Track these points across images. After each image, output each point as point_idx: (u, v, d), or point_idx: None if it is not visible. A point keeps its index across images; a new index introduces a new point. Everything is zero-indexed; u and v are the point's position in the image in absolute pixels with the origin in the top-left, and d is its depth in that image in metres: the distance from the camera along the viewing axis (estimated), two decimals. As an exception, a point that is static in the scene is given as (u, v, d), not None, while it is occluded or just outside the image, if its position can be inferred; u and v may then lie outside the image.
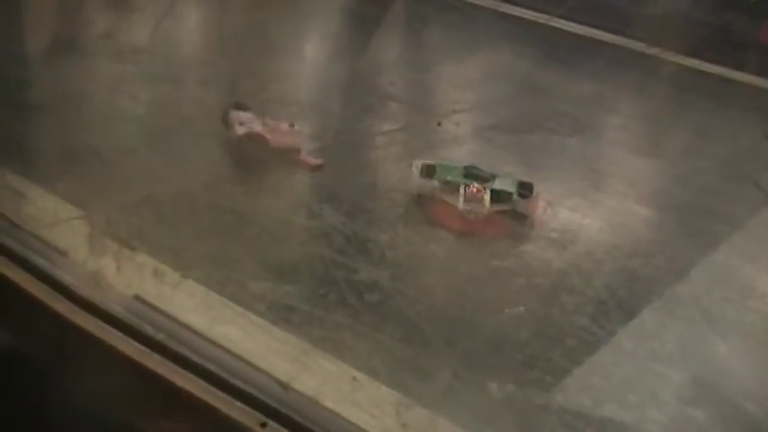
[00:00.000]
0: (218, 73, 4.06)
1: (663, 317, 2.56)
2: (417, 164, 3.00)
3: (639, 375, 2.26)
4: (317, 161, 3.18)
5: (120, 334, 1.89)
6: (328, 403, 1.87)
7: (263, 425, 1.76)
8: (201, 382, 1.83)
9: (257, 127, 3.22)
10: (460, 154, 3.55)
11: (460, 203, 2.85)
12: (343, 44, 5.12)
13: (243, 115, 3.30)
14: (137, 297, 2.03)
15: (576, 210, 3.18)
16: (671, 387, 2.24)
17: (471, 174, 3.00)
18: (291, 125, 3.28)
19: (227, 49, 4.48)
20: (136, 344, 1.88)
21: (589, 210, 3.19)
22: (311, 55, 4.70)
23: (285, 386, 1.85)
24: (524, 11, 6.16)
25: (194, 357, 1.88)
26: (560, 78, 5.14)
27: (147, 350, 1.87)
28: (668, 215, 3.40)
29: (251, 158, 3.14)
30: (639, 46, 5.95)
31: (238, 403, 1.80)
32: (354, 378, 1.98)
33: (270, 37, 4.88)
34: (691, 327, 2.53)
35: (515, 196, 2.94)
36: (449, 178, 2.95)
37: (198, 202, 2.75)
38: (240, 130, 3.19)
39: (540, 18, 5.85)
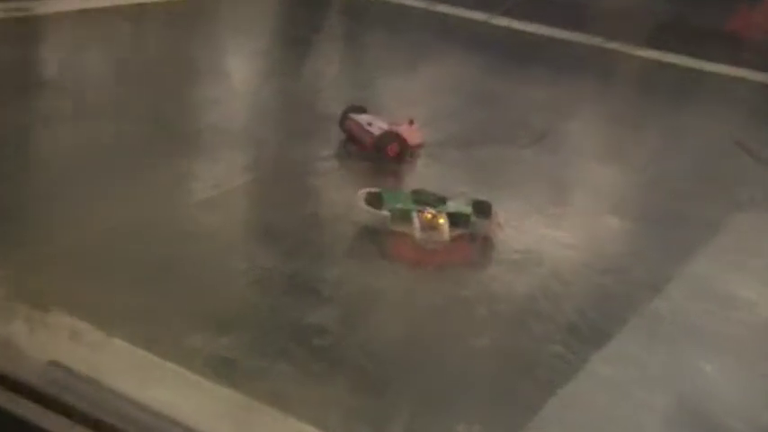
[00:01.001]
0: (138, 102, 4.03)
1: (642, 337, 2.57)
2: (362, 194, 3.00)
3: (621, 405, 2.27)
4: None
5: (36, 406, 1.84)
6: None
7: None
8: (133, 455, 1.78)
9: (383, 125, 3.62)
10: (409, 176, 3.57)
11: (417, 233, 2.84)
12: (274, 64, 5.12)
13: (365, 117, 3.71)
14: (53, 363, 1.99)
15: (539, 227, 3.20)
16: (657, 416, 2.25)
17: (421, 199, 3.00)
18: (411, 122, 3.70)
19: (145, 76, 4.46)
20: (55, 416, 1.83)
21: (553, 226, 3.22)
22: (239, 77, 4.69)
23: (228, 450, 1.82)
24: (464, 10, 6.24)
25: (124, 426, 1.83)
26: (512, 84, 5.19)
27: (69, 422, 1.82)
28: (641, 225, 3.44)
29: (181, 201, 3.12)
30: (596, 41, 6.07)
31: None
32: (304, 434, 1.96)
33: (191, 60, 4.86)
34: (673, 346, 2.55)
35: (473, 218, 2.95)
36: (398, 206, 2.94)
37: (121, 249, 2.70)
38: (374, 129, 3.58)
39: (482, 17, 5.93)
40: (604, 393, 2.29)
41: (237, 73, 4.78)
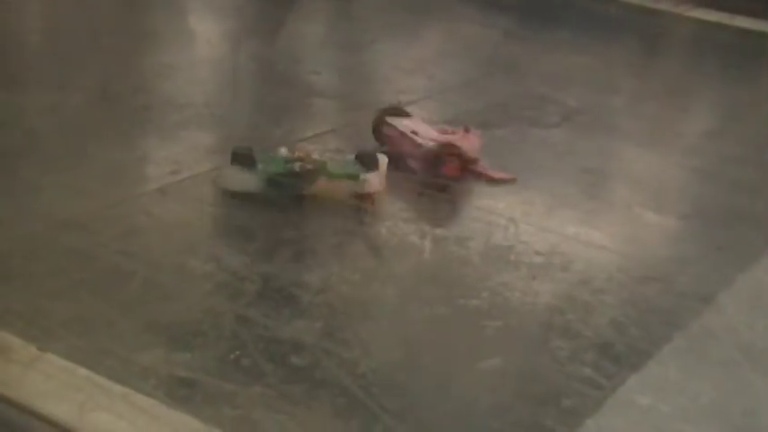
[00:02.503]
0: (82, 71, 4.05)
1: (690, 360, 2.59)
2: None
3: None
4: (508, 175, 3.43)
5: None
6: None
7: None
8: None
9: (433, 135, 3.50)
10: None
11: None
12: (245, 23, 5.13)
13: (408, 123, 3.57)
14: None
15: (567, 224, 3.23)
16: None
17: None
18: (467, 129, 3.58)
19: (90, 39, 4.48)
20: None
21: (583, 223, 3.24)
22: (202, 41, 4.71)
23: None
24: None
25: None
26: (536, 50, 5.20)
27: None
28: (689, 223, 3.46)
29: (127, 184, 3.14)
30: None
31: None
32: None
33: (146, 21, 4.88)
34: (729, 371, 2.56)
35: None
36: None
37: (60, 248, 2.72)
38: (423, 140, 3.45)
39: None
40: (643, 427, 2.31)
41: (201, 36, 4.80)
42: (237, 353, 2.33)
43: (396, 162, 3.38)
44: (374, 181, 3.22)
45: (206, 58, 4.46)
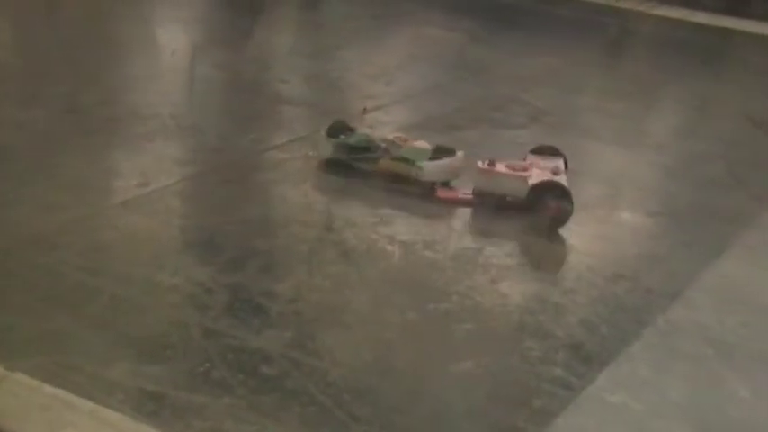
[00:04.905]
0: (49, 84, 4.02)
1: (660, 356, 2.60)
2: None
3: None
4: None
5: None
6: None
7: None
8: None
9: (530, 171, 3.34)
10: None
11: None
12: (212, 33, 5.12)
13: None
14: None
15: (537, 224, 3.23)
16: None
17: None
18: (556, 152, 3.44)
19: (57, 52, 4.45)
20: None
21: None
22: (169, 51, 4.68)
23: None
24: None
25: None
26: (502, 53, 5.21)
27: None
28: (658, 221, 3.48)
29: (97, 199, 3.12)
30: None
31: None
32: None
33: (113, 32, 4.86)
34: (699, 366, 2.57)
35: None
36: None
37: (25, 262, 2.70)
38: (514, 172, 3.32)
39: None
40: (614, 425, 2.31)
41: (167, 46, 4.78)
42: (207, 365, 2.31)
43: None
44: (432, 170, 3.36)
45: (172, 69, 4.45)
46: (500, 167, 3.34)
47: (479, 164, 3.35)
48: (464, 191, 3.36)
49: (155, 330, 2.46)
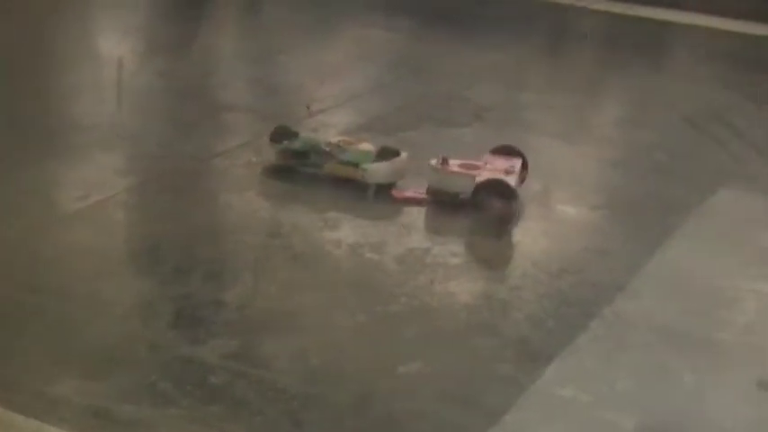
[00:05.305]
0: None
1: (607, 348, 2.62)
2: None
3: (585, 431, 2.30)
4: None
5: None
6: None
7: None
8: None
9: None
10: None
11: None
12: (153, 41, 5.08)
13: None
14: None
15: (482, 221, 3.25)
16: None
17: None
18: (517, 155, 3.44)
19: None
20: None
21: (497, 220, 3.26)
22: (110, 60, 4.64)
23: None
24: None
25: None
26: (443, 52, 5.21)
27: None
28: (602, 213, 3.49)
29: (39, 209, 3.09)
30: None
31: None
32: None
33: (52, 41, 4.80)
34: (646, 356, 2.60)
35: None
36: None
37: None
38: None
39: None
40: (563, 419, 2.32)
41: (107, 55, 4.73)
42: (153, 377, 2.30)
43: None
44: (377, 172, 3.35)
45: (112, 78, 4.40)
46: (453, 166, 3.35)
47: (432, 162, 3.36)
48: (419, 190, 3.37)
49: (99, 345, 2.43)
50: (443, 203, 3.30)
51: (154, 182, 3.39)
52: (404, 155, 3.42)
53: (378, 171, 3.36)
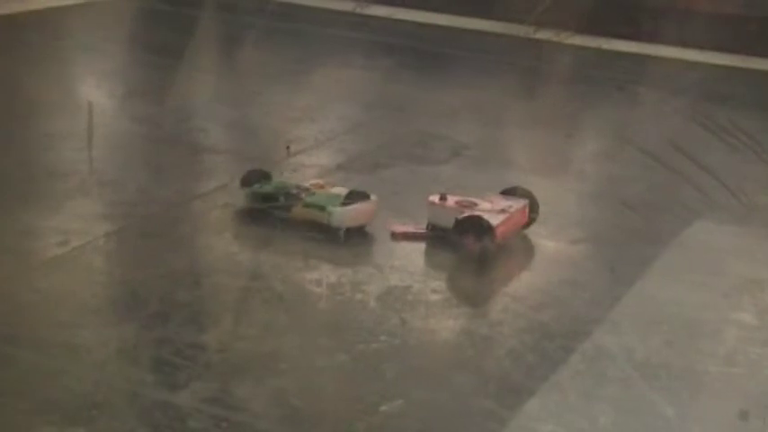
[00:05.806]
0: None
1: (588, 382, 2.62)
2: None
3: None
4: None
5: None
6: None
7: None
8: None
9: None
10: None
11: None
12: (131, 85, 5.08)
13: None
14: None
15: (462, 258, 3.25)
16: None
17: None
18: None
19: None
20: None
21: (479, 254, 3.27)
22: (84, 105, 4.63)
23: None
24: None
25: None
26: (420, 90, 5.24)
27: None
28: (581, 247, 3.51)
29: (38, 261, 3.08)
30: (522, 30, 6.19)
31: None
32: None
33: (28, 87, 4.79)
34: (626, 389, 2.59)
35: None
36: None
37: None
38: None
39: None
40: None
41: (84, 102, 4.73)
42: (132, 424, 2.28)
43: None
44: (342, 216, 3.35)
45: (89, 124, 4.40)
46: (450, 202, 3.37)
47: (431, 198, 3.40)
48: (419, 226, 3.38)
49: (77, 393, 2.41)
50: (444, 239, 3.31)
51: (132, 227, 3.39)
52: (373, 197, 3.43)
53: (343, 215, 3.36)
